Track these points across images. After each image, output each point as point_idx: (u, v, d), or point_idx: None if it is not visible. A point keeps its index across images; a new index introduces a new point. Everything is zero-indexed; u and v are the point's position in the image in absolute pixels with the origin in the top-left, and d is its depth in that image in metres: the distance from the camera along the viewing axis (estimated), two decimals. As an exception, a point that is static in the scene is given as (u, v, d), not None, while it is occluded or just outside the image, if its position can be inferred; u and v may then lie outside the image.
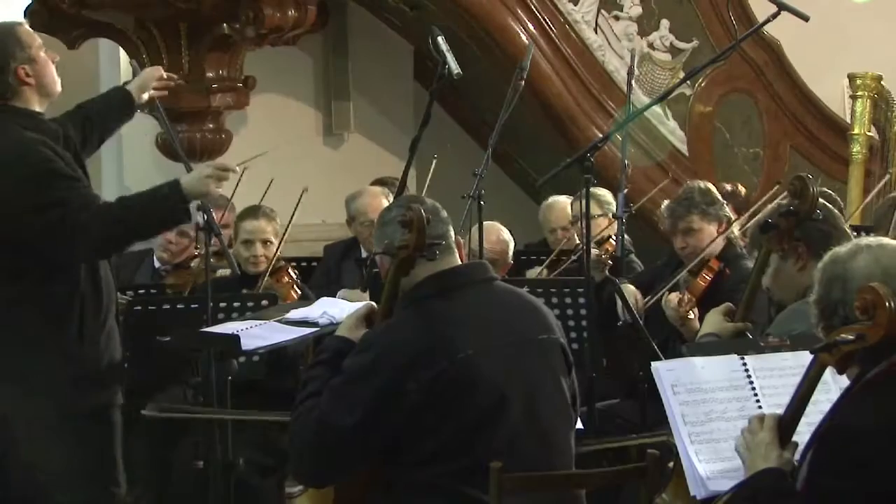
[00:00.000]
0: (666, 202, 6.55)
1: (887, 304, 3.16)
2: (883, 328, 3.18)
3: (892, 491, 2.94)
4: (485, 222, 6.32)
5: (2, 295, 4.83)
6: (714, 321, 4.60)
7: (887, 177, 8.93)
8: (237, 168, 5.21)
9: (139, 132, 9.43)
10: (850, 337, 3.22)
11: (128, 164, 9.72)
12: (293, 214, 6.64)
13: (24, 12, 8.47)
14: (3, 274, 4.83)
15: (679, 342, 5.84)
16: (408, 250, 4.03)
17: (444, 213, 4.18)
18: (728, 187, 7.87)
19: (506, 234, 7.25)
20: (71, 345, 4.81)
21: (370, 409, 3.90)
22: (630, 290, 6.34)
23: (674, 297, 6.02)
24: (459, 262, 4.20)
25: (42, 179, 4.77)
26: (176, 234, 7.03)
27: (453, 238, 4.18)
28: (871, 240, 3.46)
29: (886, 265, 3.31)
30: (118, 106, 5.40)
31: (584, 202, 5.78)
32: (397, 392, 3.91)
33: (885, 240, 3.45)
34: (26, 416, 4.80)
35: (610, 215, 7.14)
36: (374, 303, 4.27)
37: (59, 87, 4.98)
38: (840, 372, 3.31)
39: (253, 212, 6.69)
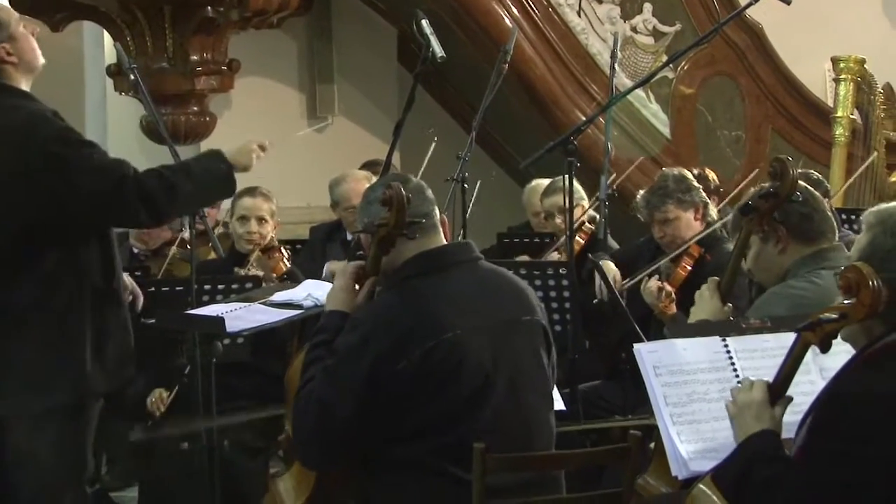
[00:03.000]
0: (641, 192, 6.55)
1: (870, 283, 3.19)
2: (866, 307, 3.20)
3: (889, 457, 2.95)
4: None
5: (13, 296, 4.69)
6: (710, 304, 4.57)
7: (874, 155, 8.94)
8: (267, 142, 5.16)
9: (124, 115, 9.46)
10: (834, 315, 3.25)
11: (112, 146, 9.69)
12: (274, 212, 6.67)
13: (9, -2, 8.45)
14: (14, 273, 4.68)
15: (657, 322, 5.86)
16: (387, 228, 4.03)
17: (429, 193, 4.18)
18: (696, 171, 7.88)
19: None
20: (84, 338, 4.71)
21: (362, 390, 3.91)
22: (610, 267, 6.36)
23: (654, 284, 6.02)
24: (445, 242, 4.21)
25: (70, 142, 4.69)
26: None
27: (438, 217, 4.19)
28: None
29: None
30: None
31: (565, 186, 5.79)
32: (386, 371, 3.92)
33: None
34: (20, 414, 4.76)
35: (582, 204, 7.16)
36: (361, 263, 4.22)
37: (41, 60, 4.86)
38: (823, 350, 3.32)
39: (250, 191, 6.69)
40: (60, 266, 4.69)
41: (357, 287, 4.16)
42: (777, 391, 3.37)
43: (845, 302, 3.24)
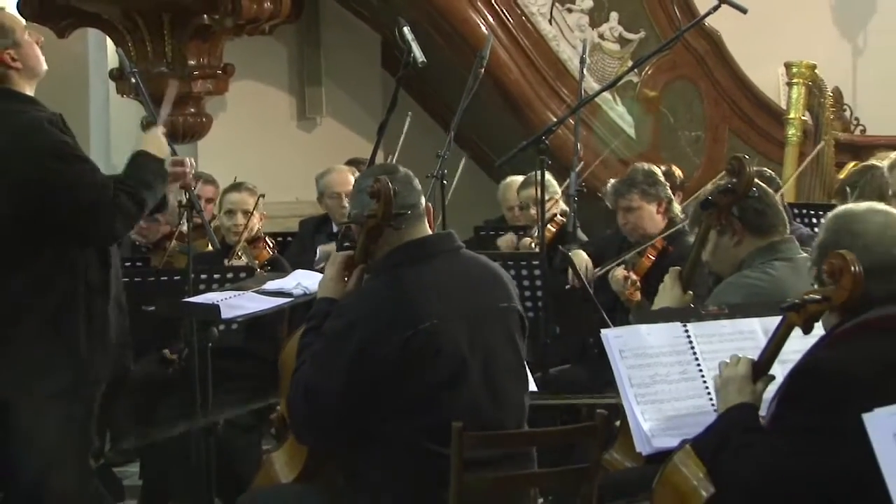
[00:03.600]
0: (611, 181, 6.57)
1: (853, 268, 3.21)
2: (847, 291, 3.23)
3: (856, 430, 2.96)
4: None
5: (15, 280, 4.67)
6: (673, 293, 4.59)
7: (821, 144, 8.96)
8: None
9: (126, 116, 9.45)
10: (817, 297, 3.27)
11: (115, 145, 9.71)
12: (257, 203, 6.65)
13: (17, 3, 8.42)
14: (17, 259, 4.67)
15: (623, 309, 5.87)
16: (375, 220, 4.03)
17: (416, 183, 4.16)
18: (663, 168, 7.89)
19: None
20: (78, 330, 4.69)
21: (348, 372, 3.91)
22: (582, 257, 6.38)
23: (620, 273, 6.04)
24: (429, 232, 4.20)
25: (64, 156, 4.64)
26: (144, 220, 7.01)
27: (423, 207, 4.18)
28: (885, 206, 3.47)
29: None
30: None
31: (538, 181, 5.80)
32: (369, 356, 3.92)
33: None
34: (26, 397, 4.74)
35: (556, 198, 7.17)
36: (350, 252, 4.20)
37: (44, 66, 4.82)
38: (806, 332, 3.32)
39: (236, 187, 6.74)
40: (57, 259, 4.66)
41: (346, 277, 4.16)
42: (761, 369, 3.39)
43: (829, 286, 3.27)
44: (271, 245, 6.63)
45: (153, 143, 4.93)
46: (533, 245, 6.80)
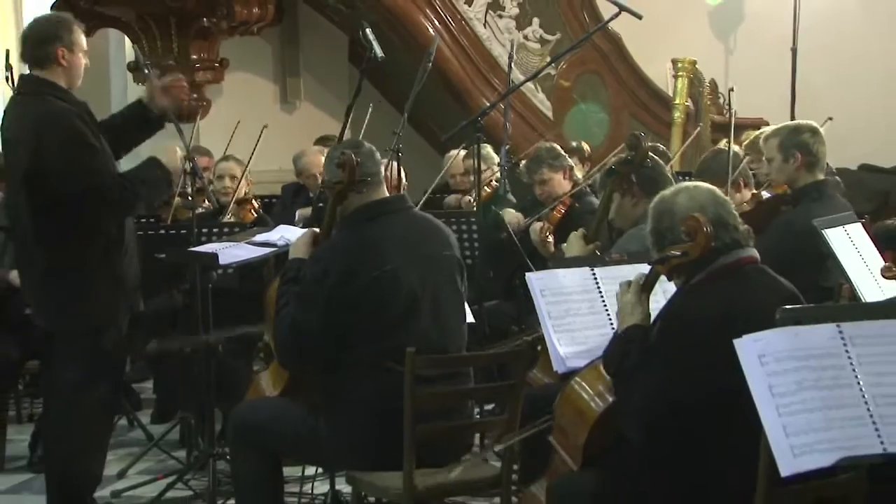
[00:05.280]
0: (523, 161, 6.58)
1: (705, 228, 3.25)
2: (701, 246, 3.26)
3: (711, 362, 2.98)
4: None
5: (50, 230, 4.59)
6: (578, 246, 4.61)
7: (699, 128, 9.01)
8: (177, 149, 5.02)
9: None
10: (678, 252, 3.30)
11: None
12: (254, 150, 6.61)
13: (51, 7, 8.30)
14: (49, 215, 4.58)
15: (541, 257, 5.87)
16: (342, 185, 4.04)
17: (378, 156, 4.16)
18: (574, 144, 7.89)
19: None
20: (106, 269, 4.65)
21: (325, 307, 3.91)
22: (513, 214, 6.38)
23: (537, 226, 6.04)
24: (387, 195, 4.19)
25: (81, 146, 4.52)
26: None
27: (383, 175, 4.17)
28: (689, 184, 3.51)
29: (700, 201, 3.36)
30: (132, 115, 4.94)
31: (475, 154, 5.78)
32: (342, 293, 3.91)
33: (697, 184, 3.49)
34: (65, 331, 4.69)
35: (494, 167, 7.16)
36: (316, 229, 4.25)
37: (79, 82, 4.71)
38: (669, 279, 3.37)
39: (226, 158, 6.76)
40: (83, 220, 4.58)
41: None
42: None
43: (687, 243, 3.27)
44: (257, 206, 6.60)
45: (169, 155, 4.82)
46: (472, 203, 6.78)
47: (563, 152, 6.49)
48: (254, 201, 6.60)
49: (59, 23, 4.70)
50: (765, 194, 5.42)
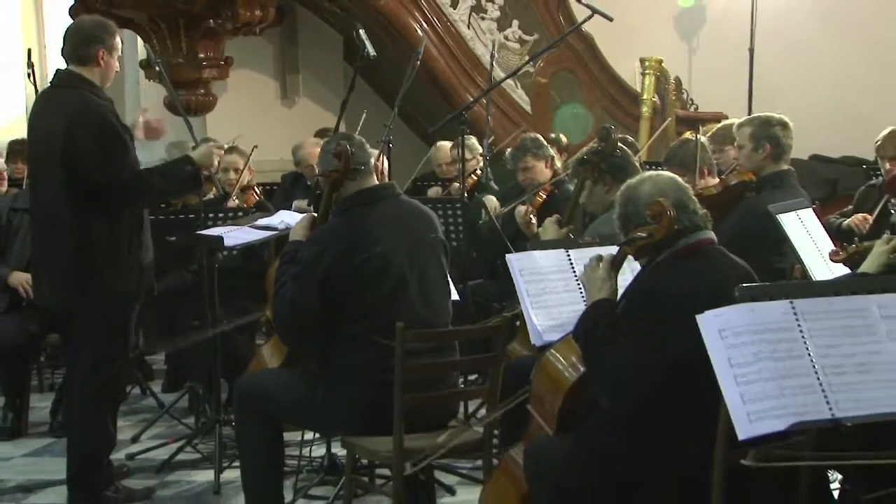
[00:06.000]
0: (509, 149, 6.55)
1: (668, 212, 3.25)
2: (665, 229, 3.27)
3: (680, 331, 2.97)
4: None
5: (81, 215, 4.56)
6: (553, 230, 4.61)
7: (667, 121, 9.01)
8: (225, 144, 5.02)
9: (152, 96, 9.31)
10: (644, 234, 3.30)
11: (144, 117, 9.59)
12: (247, 162, 6.54)
13: (69, 10, 8.25)
14: (81, 201, 4.55)
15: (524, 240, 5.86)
16: (338, 173, 4.03)
17: (368, 147, 4.16)
18: (552, 135, 7.87)
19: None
20: (125, 254, 4.63)
21: (321, 285, 3.90)
22: (492, 200, 6.37)
23: (521, 209, 6.03)
24: (377, 182, 4.18)
25: (113, 138, 4.53)
26: None
27: (373, 164, 4.16)
28: (652, 172, 3.51)
29: (662, 188, 3.36)
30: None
31: (460, 145, 5.76)
32: (337, 273, 3.90)
33: (660, 173, 3.49)
34: (85, 307, 4.68)
35: (478, 156, 7.14)
36: (314, 214, 4.23)
37: (109, 83, 4.72)
38: (636, 259, 3.36)
39: (230, 150, 6.64)
40: (108, 207, 4.56)
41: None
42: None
43: (651, 225, 3.27)
44: (258, 192, 6.57)
45: (204, 155, 4.78)
46: (459, 190, 6.76)
47: (545, 143, 6.48)
48: (255, 188, 6.58)
49: (104, 27, 4.71)
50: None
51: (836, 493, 3.40)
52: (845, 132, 9.41)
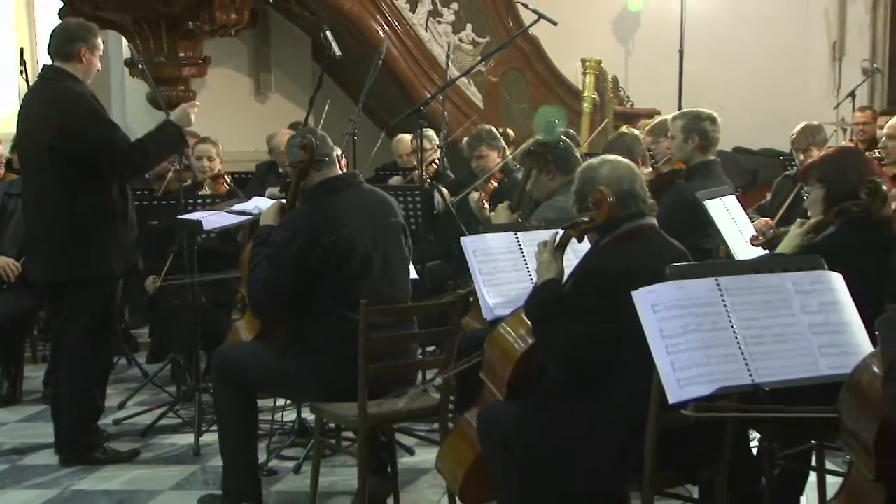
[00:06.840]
0: (465, 138, 6.54)
1: (608, 199, 3.26)
2: (605, 214, 3.28)
3: (620, 305, 2.98)
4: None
5: (73, 198, 4.55)
6: (504, 215, 4.59)
7: (606, 121, 9.05)
8: (197, 103, 4.99)
9: (136, 92, 9.20)
10: (585, 219, 3.30)
11: (129, 112, 9.48)
12: (218, 152, 6.46)
13: (58, 12, 8.14)
14: (74, 185, 4.55)
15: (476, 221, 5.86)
16: (304, 164, 4.00)
17: (329, 140, 4.13)
18: (502, 130, 7.87)
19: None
20: (111, 232, 4.61)
21: (292, 267, 3.88)
22: (443, 191, 6.36)
23: (475, 195, 6.02)
24: (341, 172, 4.16)
25: (103, 121, 4.57)
26: None
27: (336, 155, 4.14)
28: (613, 157, 3.49)
29: (619, 173, 3.35)
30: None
31: (419, 137, 5.74)
32: (307, 254, 3.88)
33: (620, 158, 3.47)
34: (73, 282, 4.62)
35: (435, 146, 7.12)
36: (283, 200, 4.21)
37: (90, 80, 4.71)
38: (579, 241, 3.36)
39: (204, 139, 6.59)
40: (94, 188, 4.55)
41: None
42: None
43: (593, 211, 3.28)
44: (228, 181, 6.51)
45: (182, 115, 4.75)
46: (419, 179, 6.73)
47: (499, 135, 6.48)
48: (225, 177, 6.51)
49: (87, 27, 4.70)
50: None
51: (755, 451, 3.44)
52: (764, 127, 9.51)
